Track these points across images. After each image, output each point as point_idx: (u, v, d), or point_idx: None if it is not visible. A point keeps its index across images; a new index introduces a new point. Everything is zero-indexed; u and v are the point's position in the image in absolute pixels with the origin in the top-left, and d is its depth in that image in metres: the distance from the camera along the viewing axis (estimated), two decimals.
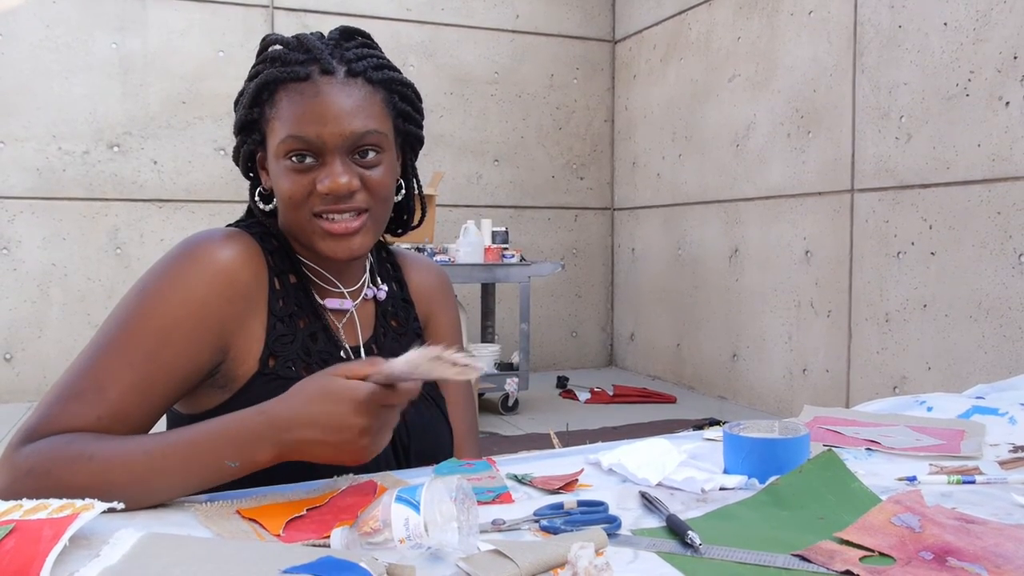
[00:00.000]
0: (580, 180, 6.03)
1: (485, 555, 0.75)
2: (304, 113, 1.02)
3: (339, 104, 1.03)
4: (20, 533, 0.73)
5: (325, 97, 1.02)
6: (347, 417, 0.86)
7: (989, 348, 3.28)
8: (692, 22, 5.19)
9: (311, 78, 1.03)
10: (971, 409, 1.37)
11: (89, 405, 0.95)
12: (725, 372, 4.91)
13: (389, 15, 5.41)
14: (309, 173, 1.04)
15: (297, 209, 1.05)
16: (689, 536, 0.80)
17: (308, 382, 0.90)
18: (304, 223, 1.06)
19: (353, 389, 0.86)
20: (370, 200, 1.06)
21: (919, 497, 0.91)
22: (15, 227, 4.74)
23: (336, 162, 1.03)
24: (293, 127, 1.02)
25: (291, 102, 1.03)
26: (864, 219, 3.87)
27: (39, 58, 4.75)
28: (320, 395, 0.87)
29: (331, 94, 1.03)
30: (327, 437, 0.86)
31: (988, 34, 3.28)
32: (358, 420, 0.86)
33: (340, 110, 1.02)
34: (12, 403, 4.70)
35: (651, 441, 1.10)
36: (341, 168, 1.03)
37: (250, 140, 1.10)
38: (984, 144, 3.30)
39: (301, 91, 1.03)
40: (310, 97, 1.02)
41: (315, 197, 1.04)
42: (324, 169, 1.03)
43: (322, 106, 1.02)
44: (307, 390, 0.88)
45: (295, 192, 1.04)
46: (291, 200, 1.05)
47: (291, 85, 1.04)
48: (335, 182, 1.02)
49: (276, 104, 1.05)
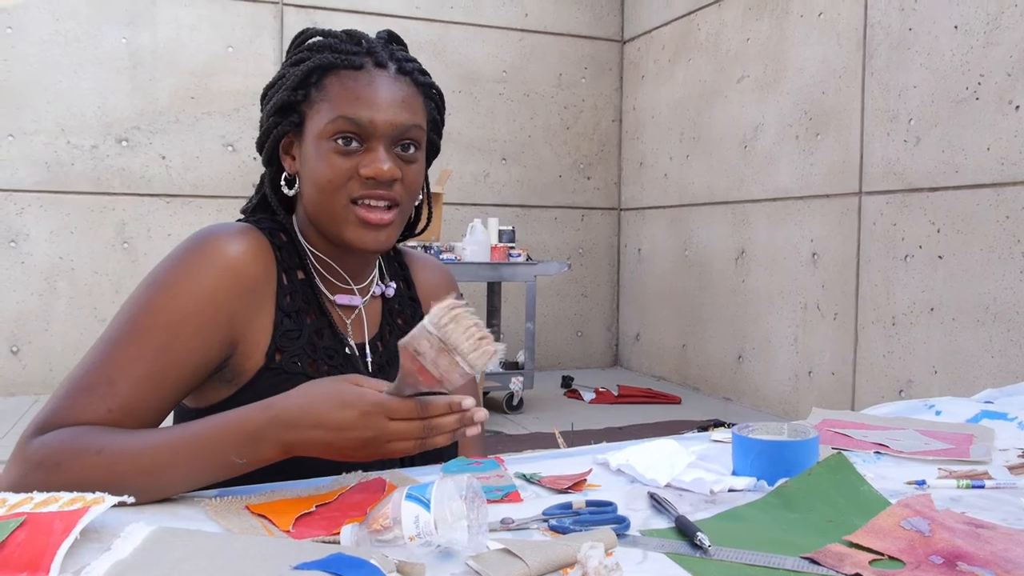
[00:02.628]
0: (587, 180, 6.03)
1: (494, 554, 0.75)
2: (358, 97, 1.05)
3: (392, 95, 1.06)
4: (31, 526, 0.74)
5: (379, 86, 1.06)
6: (350, 424, 0.85)
7: (996, 352, 3.27)
8: (701, 23, 5.19)
9: (365, 67, 1.07)
10: (980, 413, 1.37)
11: (100, 398, 0.95)
12: (730, 373, 4.90)
13: (398, 13, 5.41)
14: (352, 157, 1.05)
15: (334, 193, 1.06)
16: (698, 537, 0.80)
17: (319, 384, 0.90)
18: (339, 209, 1.06)
19: (360, 396, 0.86)
20: (404, 194, 1.09)
21: (928, 501, 0.91)
22: (23, 220, 4.75)
23: (381, 148, 1.05)
24: (346, 108, 1.04)
25: (344, 87, 1.05)
26: (872, 222, 3.86)
27: (48, 52, 4.76)
28: (328, 398, 0.87)
29: (384, 85, 1.06)
30: (331, 440, 0.86)
31: (999, 38, 3.27)
32: (360, 429, 0.85)
33: (393, 99, 1.06)
34: (19, 396, 4.71)
35: (660, 442, 1.10)
36: (386, 155, 1.05)
37: (285, 122, 1.10)
38: (993, 148, 3.29)
39: (355, 78, 1.06)
40: (364, 84, 1.06)
41: (355, 182, 1.05)
42: (369, 155, 1.05)
43: (376, 94, 1.05)
44: (316, 391, 0.88)
45: (336, 175, 1.05)
46: (330, 183, 1.05)
47: (344, 72, 1.06)
48: (380, 167, 1.04)
49: (325, 88, 1.07)
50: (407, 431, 0.86)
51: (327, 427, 0.86)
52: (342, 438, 0.86)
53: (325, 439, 0.87)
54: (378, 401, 0.85)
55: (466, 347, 0.80)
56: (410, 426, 0.85)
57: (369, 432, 0.85)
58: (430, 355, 0.80)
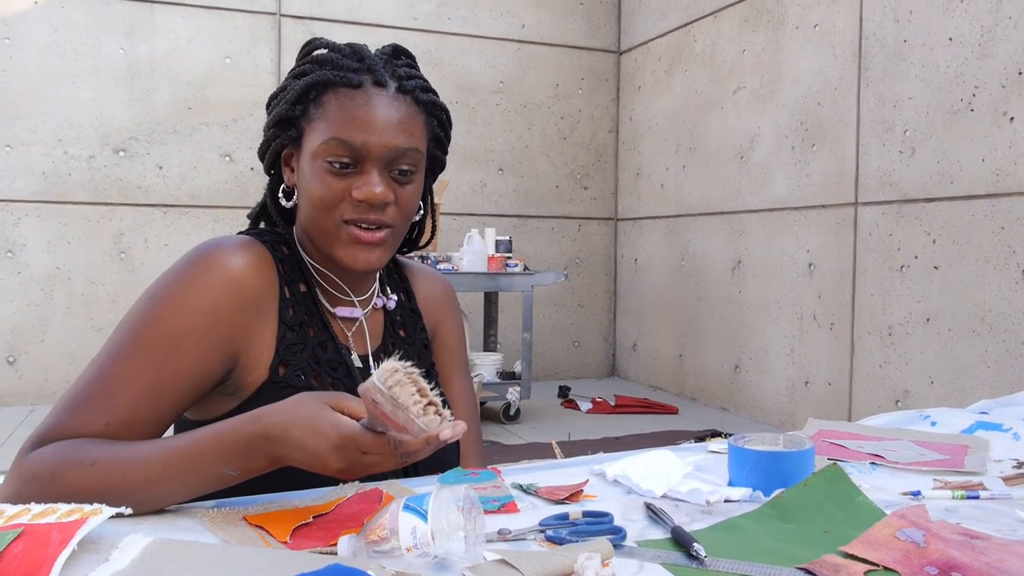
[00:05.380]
0: (584, 190, 6.04)
1: (491, 564, 0.75)
2: (353, 119, 1.03)
3: (388, 116, 1.04)
4: (29, 537, 0.74)
5: (375, 108, 1.04)
6: (323, 453, 0.85)
7: (992, 363, 3.28)
8: (697, 34, 5.21)
9: (363, 87, 1.05)
10: (975, 424, 1.38)
11: (98, 412, 0.95)
12: (727, 384, 4.91)
13: (395, 24, 5.43)
14: (345, 179, 1.04)
15: (327, 212, 1.05)
16: (694, 548, 0.80)
17: (303, 401, 0.88)
18: (331, 228, 1.06)
19: (335, 427, 0.84)
20: (397, 217, 1.07)
21: (924, 512, 0.91)
22: (20, 230, 4.75)
23: (374, 172, 1.04)
24: (339, 130, 1.03)
25: (340, 106, 1.04)
26: (867, 232, 3.88)
27: (46, 62, 4.77)
28: (306, 422, 0.86)
29: (381, 106, 1.04)
30: (309, 462, 0.86)
31: (993, 49, 3.29)
32: (333, 459, 0.84)
33: (388, 122, 1.04)
34: (15, 406, 4.70)
35: (656, 453, 1.11)
36: (379, 178, 1.04)
37: (284, 135, 1.10)
38: (988, 159, 3.30)
39: (352, 97, 1.04)
40: (361, 104, 1.04)
41: (347, 203, 1.05)
42: (361, 177, 1.04)
43: (371, 115, 1.03)
44: (299, 411, 0.87)
45: (328, 195, 1.04)
46: (322, 202, 1.05)
47: (342, 90, 1.05)
48: (372, 191, 1.03)
49: (323, 105, 1.05)
50: (382, 462, 0.85)
51: (304, 450, 0.86)
52: (319, 463, 0.85)
53: (304, 460, 0.86)
54: (351, 435, 0.83)
55: (415, 410, 0.79)
56: (384, 458, 0.85)
57: (342, 463, 0.85)
58: (387, 407, 0.79)
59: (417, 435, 0.81)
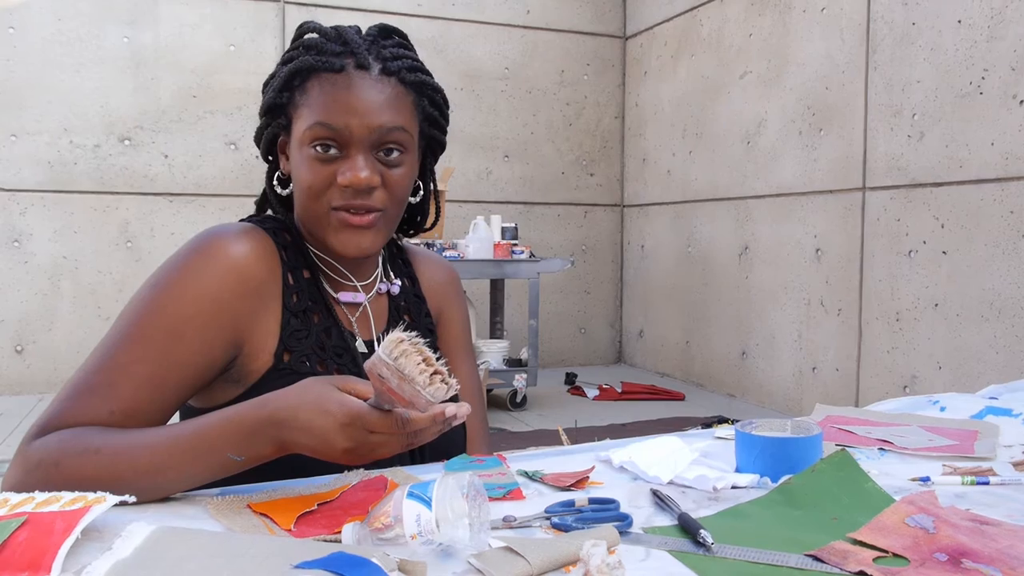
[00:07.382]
0: (590, 176, 6.02)
1: (496, 552, 0.75)
2: (335, 102, 1.02)
3: (370, 98, 1.03)
4: (32, 525, 0.73)
5: (357, 90, 1.03)
6: (330, 433, 0.84)
7: (1001, 348, 3.26)
8: (704, 18, 5.17)
9: (345, 70, 1.04)
10: (984, 410, 1.37)
11: (102, 400, 0.95)
12: (734, 370, 4.90)
13: (400, 10, 5.41)
14: (331, 164, 1.04)
15: (316, 199, 1.05)
16: (701, 535, 0.79)
17: (311, 385, 0.88)
18: (320, 214, 1.06)
19: (342, 405, 0.84)
20: (386, 200, 1.06)
21: (933, 498, 0.90)
22: (26, 220, 4.76)
23: (359, 156, 1.03)
24: (322, 115, 1.02)
25: (323, 91, 1.03)
26: (875, 217, 3.85)
27: (51, 51, 4.77)
28: (313, 403, 0.86)
29: (363, 88, 1.03)
30: (315, 445, 0.86)
31: (1003, 32, 3.26)
32: (340, 439, 0.84)
33: (370, 104, 1.03)
34: (23, 395, 4.72)
35: (662, 439, 1.10)
36: (363, 162, 1.03)
37: (275, 123, 1.10)
38: (997, 143, 3.28)
39: (334, 82, 1.03)
40: (342, 88, 1.03)
41: (334, 190, 1.04)
42: (347, 162, 1.03)
43: (353, 98, 1.02)
44: (306, 394, 0.87)
45: (315, 182, 1.04)
46: (310, 190, 1.05)
47: (324, 75, 1.04)
48: (356, 175, 1.02)
49: (307, 91, 1.05)
50: (389, 441, 0.85)
51: (311, 433, 0.85)
52: (326, 445, 0.85)
53: (311, 444, 0.86)
54: (358, 414, 0.83)
55: (421, 380, 0.78)
56: (391, 437, 0.84)
57: (350, 442, 0.84)
58: (393, 381, 0.79)
59: (424, 408, 0.81)
